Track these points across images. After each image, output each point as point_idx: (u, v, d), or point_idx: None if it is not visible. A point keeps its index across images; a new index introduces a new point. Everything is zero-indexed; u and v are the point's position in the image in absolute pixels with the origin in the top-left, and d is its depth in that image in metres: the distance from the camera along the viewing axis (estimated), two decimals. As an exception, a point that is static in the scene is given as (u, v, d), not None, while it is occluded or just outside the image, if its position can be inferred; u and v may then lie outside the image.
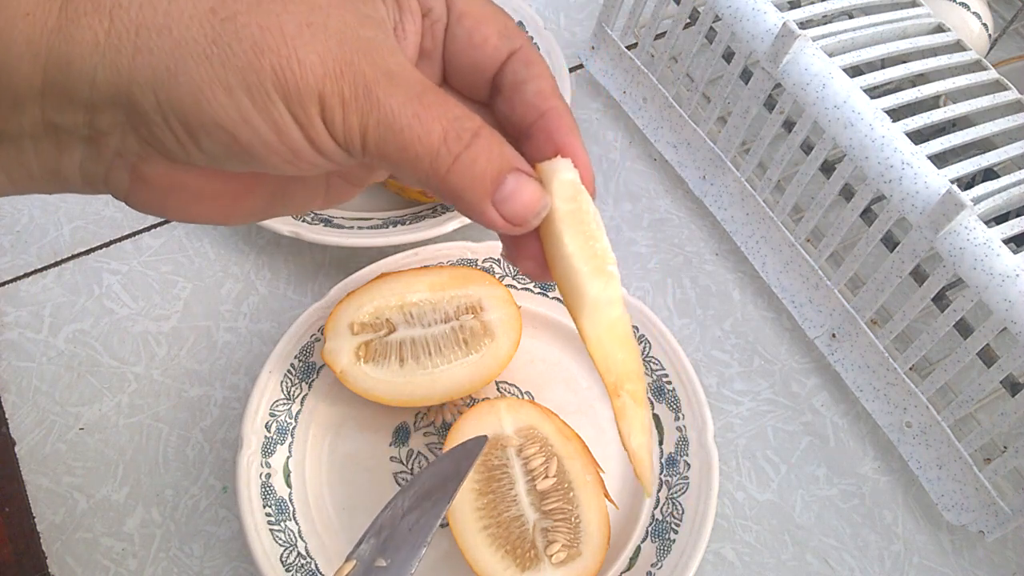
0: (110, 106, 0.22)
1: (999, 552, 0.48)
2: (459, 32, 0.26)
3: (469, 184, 0.23)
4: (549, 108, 0.25)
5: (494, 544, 0.42)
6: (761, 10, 0.49)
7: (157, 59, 0.21)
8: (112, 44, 0.21)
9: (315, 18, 0.22)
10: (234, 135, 0.22)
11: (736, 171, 0.55)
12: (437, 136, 0.23)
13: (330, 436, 0.48)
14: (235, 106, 0.22)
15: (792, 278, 0.53)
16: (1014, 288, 0.41)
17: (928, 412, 0.47)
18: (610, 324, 0.27)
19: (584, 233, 0.26)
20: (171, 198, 0.25)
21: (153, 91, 0.21)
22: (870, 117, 0.45)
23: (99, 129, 0.22)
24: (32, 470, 0.47)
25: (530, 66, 0.26)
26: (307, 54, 0.22)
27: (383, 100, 0.22)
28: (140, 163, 0.23)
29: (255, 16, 0.21)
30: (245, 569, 0.45)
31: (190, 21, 0.21)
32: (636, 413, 0.27)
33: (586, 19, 0.70)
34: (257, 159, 0.23)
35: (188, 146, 0.22)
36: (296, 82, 0.22)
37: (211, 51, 0.21)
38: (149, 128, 0.22)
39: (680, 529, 0.44)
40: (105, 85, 0.21)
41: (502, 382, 0.50)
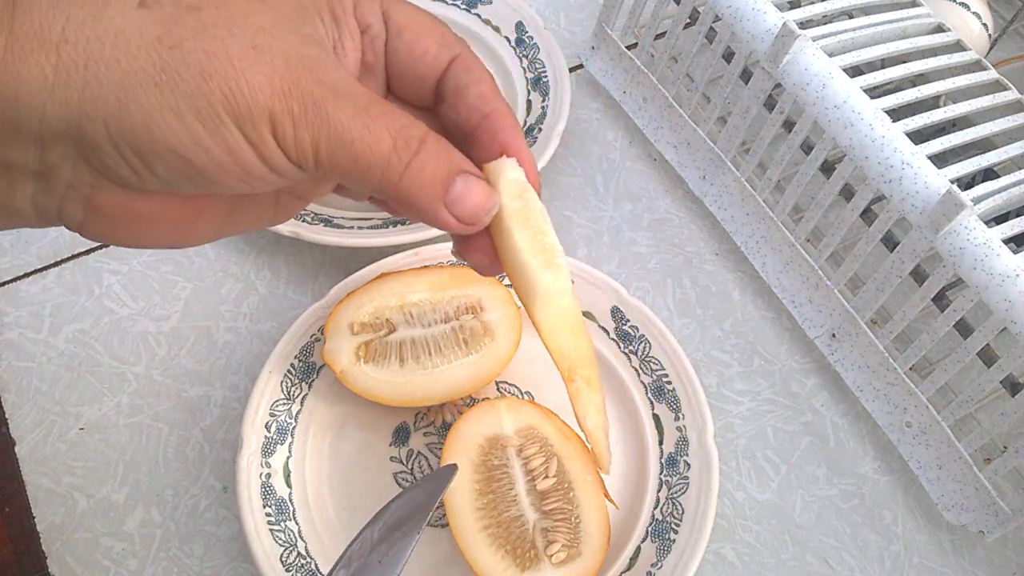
0: (60, 139, 0.22)
1: (999, 552, 0.48)
2: (399, 45, 0.26)
3: (420, 189, 0.24)
4: (492, 110, 0.27)
5: (494, 544, 0.42)
6: (761, 10, 0.49)
7: (107, 91, 0.22)
8: (60, 79, 0.21)
9: (259, 40, 0.23)
10: (187, 159, 0.23)
11: (736, 171, 0.55)
12: (387, 145, 0.24)
13: (330, 436, 0.48)
14: (187, 131, 0.22)
15: (792, 278, 0.53)
16: (1014, 288, 0.41)
17: (928, 412, 0.47)
18: (561, 313, 0.28)
19: (532, 228, 0.27)
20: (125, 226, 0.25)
21: (104, 122, 0.22)
22: (870, 117, 0.45)
23: (49, 163, 0.23)
24: (32, 470, 0.47)
25: (470, 71, 0.27)
26: (254, 75, 0.22)
27: (332, 114, 0.23)
28: (93, 193, 0.24)
29: (201, 42, 0.22)
30: (245, 569, 0.45)
31: (137, 51, 0.22)
32: (590, 396, 0.29)
33: (586, 19, 0.70)
34: (211, 181, 0.23)
35: (142, 172, 0.23)
36: (246, 103, 0.22)
37: (160, 78, 0.22)
38: (101, 158, 0.23)
39: (680, 529, 0.44)
40: (55, 119, 0.22)
41: (502, 382, 0.50)
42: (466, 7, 0.66)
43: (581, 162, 0.61)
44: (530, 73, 0.62)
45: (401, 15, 0.26)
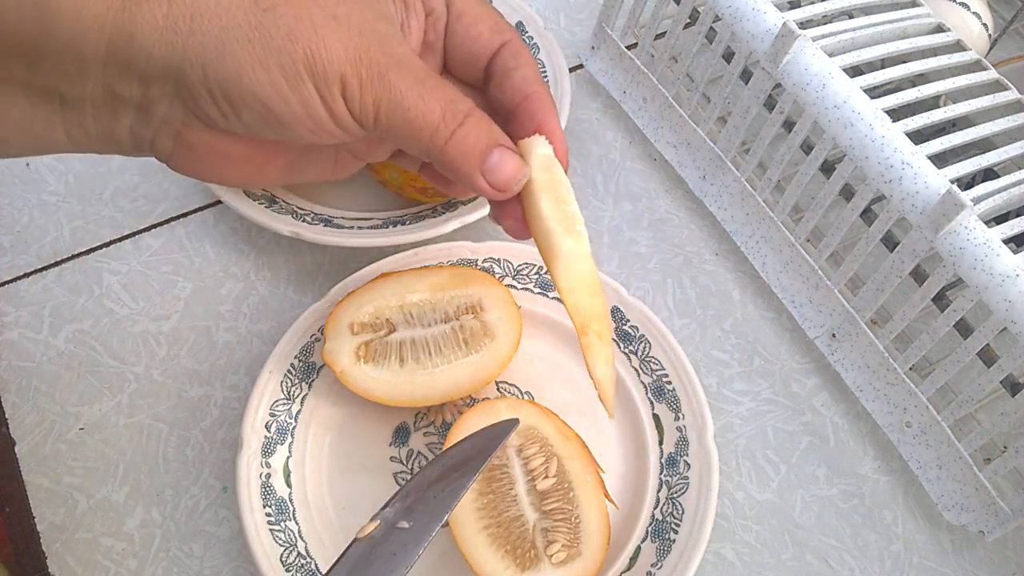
0: (162, 78, 0.25)
1: (999, 552, 0.48)
2: (458, 28, 0.30)
3: (462, 156, 0.28)
4: (533, 91, 0.30)
5: (494, 544, 0.42)
6: (761, 10, 0.49)
7: (207, 40, 0.25)
8: (169, 25, 0.25)
9: (340, 12, 0.26)
10: (269, 107, 0.26)
11: (736, 171, 0.55)
12: (437, 114, 0.27)
13: (330, 436, 0.48)
14: (271, 82, 0.25)
15: (792, 278, 0.53)
16: (1014, 288, 0.41)
17: (928, 412, 0.47)
18: (580, 274, 0.31)
19: (557, 199, 0.30)
20: (207, 161, 0.29)
21: (202, 68, 0.25)
22: (870, 117, 0.45)
23: (150, 98, 0.26)
24: (32, 470, 0.47)
25: (517, 56, 0.30)
26: (333, 42, 0.26)
27: (393, 82, 0.27)
28: (184, 129, 0.27)
29: (291, 7, 0.26)
30: (245, 569, 0.45)
31: (236, 10, 0.25)
32: (601, 348, 0.32)
33: (586, 19, 0.70)
34: (286, 128, 0.27)
35: (229, 115, 0.26)
36: (323, 64, 0.26)
37: (253, 36, 0.25)
38: (195, 99, 0.26)
39: (680, 529, 0.44)
40: (160, 60, 0.25)
41: (502, 382, 0.50)
42: (466, 7, 0.65)
43: (581, 162, 0.61)
44: (530, 73, 0.62)
45: (462, 1, 0.30)
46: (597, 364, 0.32)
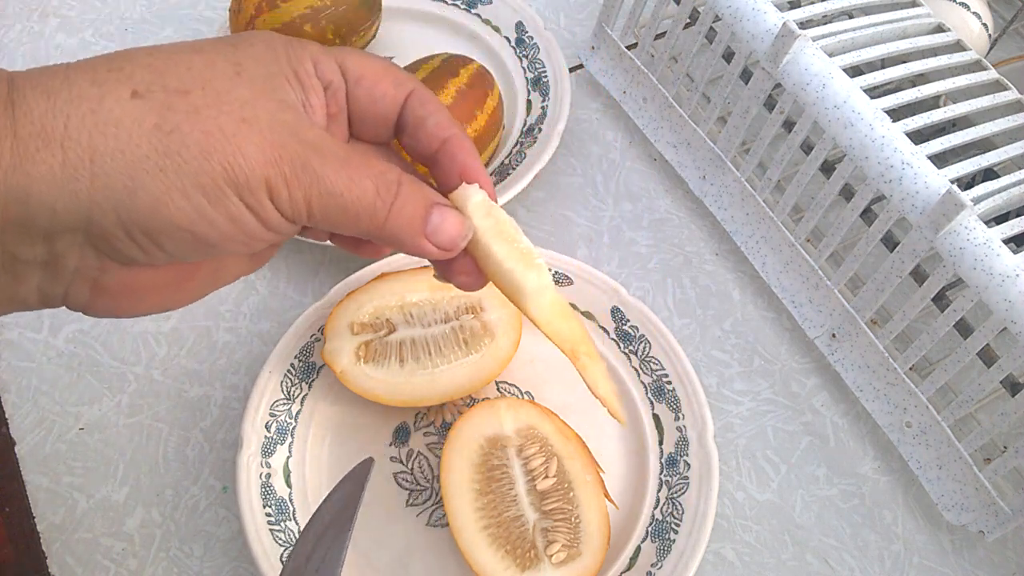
0: (69, 231, 0.24)
1: (999, 552, 0.48)
2: (359, 93, 0.29)
3: (404, 227, 0.27)
4: (449, 135, 0.29)
5: (494, 544, 0.42)
6: (761, 10, 0.49)
7: (114, 180, 0.23)
8: (68, 173, 0.23)
9: (246, 113, 0.25)
10: (195, 232, 0.25)
11: (736, 171, 0.55)
12: (371, 193, 0.26)
13: (330, 436, 0.48)
14: (194, 207, 0.24)
15: (792, 278, 0.53)
16: (1014, 288, 0.41)
17: (928, 412, 0.47)
18: (551, 305, 0.31)
19: (507, 239, 0.30)
20: (128, 299, 0.27)
21: (114, 210, 0.23)
22: (870, 117, 0.45)
23: (58, 253, 0.24)
24: (32, 470, 0.47)
25: (425, 104, 0.30)
26: (248, 147, 0.24)
27: (319, 172, 0.25)
28: (100, 275, 0.25)
29: (196, 124, 0.24)
30: (245, 569, 0.45)
31: (139, 139, 0.23)
32: (595, 366, 0.33)
33: (586, 19, 0.70)
34: (215, 248, 0.25)
35: (151, 250, 0.25)
36: (245, 174, 0.24)
37: (164, 163, 0.23)
38: (110, 243, 0.24)
39: (680, 529, 0.44)
40: (65, 213, 0.23)
41: (502, 382, 0.50)
42: (466, 7, 0.66)
43: (581, 162, 0.61)
44: (530, 73, 0.62)
45: (357, 65, 0.29)
46: (598, 383, 0.33)
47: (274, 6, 0.57)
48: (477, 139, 0.53)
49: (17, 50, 0.66)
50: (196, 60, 0.25)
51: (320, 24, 0.58)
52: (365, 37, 0.62)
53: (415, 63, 0.55)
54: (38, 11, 0.68)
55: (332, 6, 0.58)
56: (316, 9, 0.57)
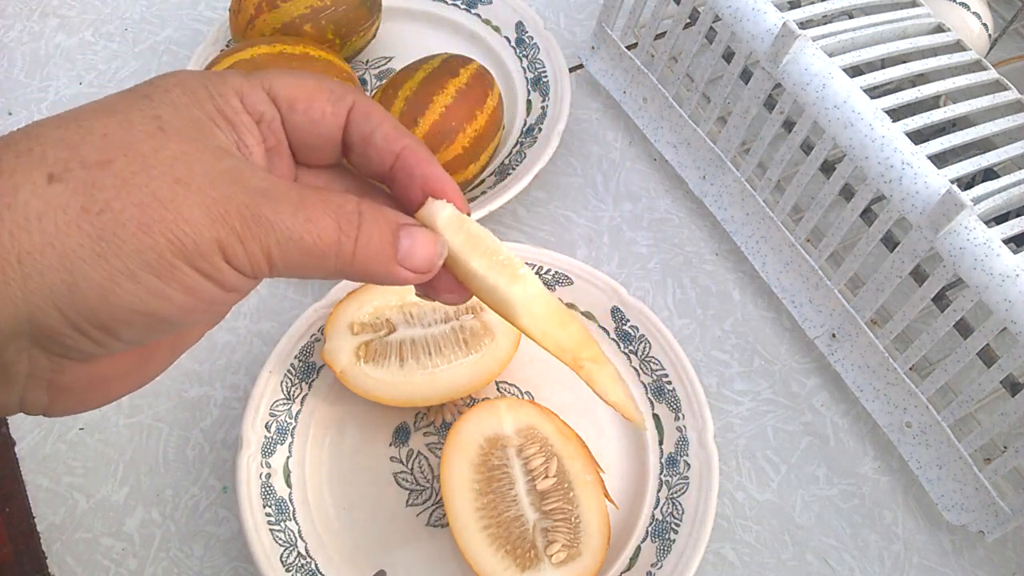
0: (12, 338, 0.22)
1: (999, 552, 0.48)
2: (296, 119, 0.26)
3: (374, 259, 0.25)
4: (402, 147, 0.27)
5: (494, 544, 0.42)
6: (761, 10, 0.49)
7: (50, 278, 0.21)
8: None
9: (179, 172, 0.22)
10: (150, 313, 0.22)
11: (736, 171, 0.55)
12: (332, 230, 0.24)
13: (330, 436, 0.48)
14: (145, 288, 0.22)
15: (792, 278, 0.53)
16: (1014, 288, 0.41)
17: (928, 412, 0.47)
18: (544, 315, 0.29)
19: (485, 253, 0.28)
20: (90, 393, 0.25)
21: (57, 308, 0.21)
22: (870, 117, 0.45)
23: (4, 362, 0.22)
24: (32, 470, 0.47)
25: (370, 116, 0.27)
26: (190, 210, 0.22)
27: (273, 219, 0.23)
28: (55, 376, 0.23)
29: (127, 197, 0.21)
30: (245, 569, 0.45)
31: (67, 228, 0.21)
32: (603, 372, 0.30)
33: (586, 19, 0.70)
34: (176, 324, 0.23)
35: (105, 341, 0.23)
36: (192, 241, 0.22)
37: (101, 248, 0.21)
38: (59, 342, 0.22)
39: (680, 529, 0.44)
40: (3, 322, 0.21)
41: (502, 382, 0.50)
42: (466, 7, 0.66)
43: (581, 162, 0.61)
44: (530, 73, 0.62)
45: (287, 88, 0.26)
46: (608, 390, 0.30)
47: (274, 6, 0.57)
48: (477, 139, 0.53)
49: (17, 50, 0.66)
50: (110, 124, 0.23)
51: (320, 24, 0.58)
52: (365, 37, 0.62)
53: (415, 63, 0.55)
54: (38, 11, 0.68)
55: (332, 6, 0.58)
56: (316, 9, 0.57)
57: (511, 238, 0.57)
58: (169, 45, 0.67)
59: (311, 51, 0.54)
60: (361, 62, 0.65)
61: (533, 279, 0.29)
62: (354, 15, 0.59)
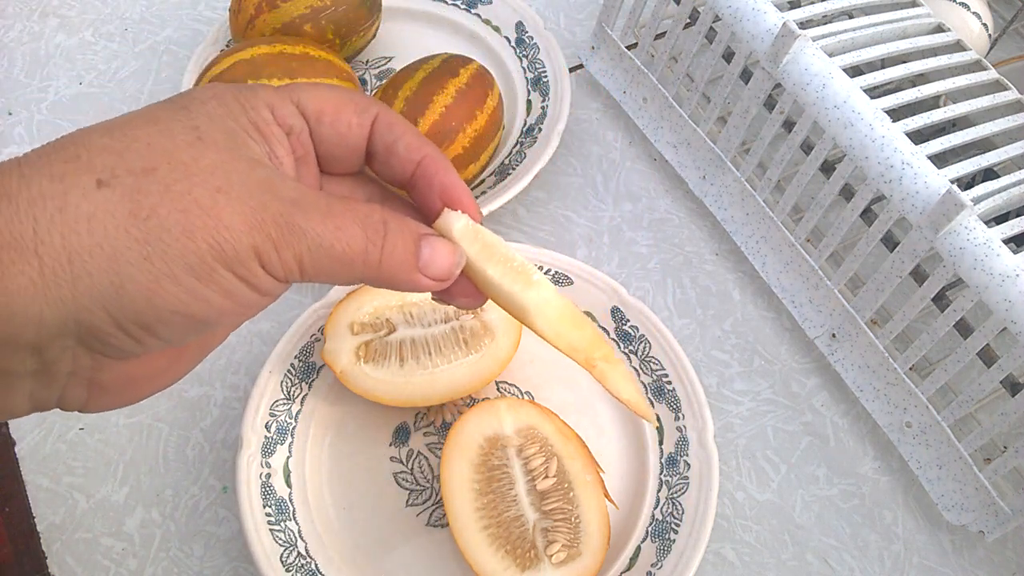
0: (59, 337, 0.23)
1: (999, 552, 0.48)
2: (324, 130, 0.28)
3: (398, 267, 0.27)
4: (423, 156, 0.29)
5: (494, 544, 0.42)
6: (761, 10, 0.49)
7: (98, 279, 0.22)
8: (49, 281, 0.22)
9: (219, 181, 0.24)
10: (190, 315, 0.24)
11: (736, 171, 0.55)
12: (360, 239, 0.25)
13: (330, 436, 0.48)
14: (186, 290, 0.23)
15: (792, 278, 0.53)
16: (1014, 288, 0.41)
17: (928, 412, 0.47)
18: (558, 317, 0.31)
19: (500, 261, 0.29)
20: (125, 393, 0.26)
21: (104, 308, 0.22)
22: (870, 117, 0.45)
23: (49, 361, 0.23)
24: (32, 470, 0.47)
25: (393, 127, 0.29)
26: (230, 218, 0.23)
27: (305, 227, 0.24)
28: (96, 374, 0.25)
29: (172, 204, 0.23)
30: (245, 569, 0.45)
31: (116, 231, 0.22)
32: (615, 371, 0.31)
33: (586, 19, 0.70)
34: (211, 324, 0.25)
35: (146, 340, 0.24)
36: (232, 246, 0.23)
37: (147, 251, 0.22)
38: (103, 341, 0.23)
39: (680, 529, 0.44)
40: (53, 321, 0.22)
41: (502, 382, 0.50)
42: (466, 7, 0.66)
43: (581, 162, 0.61)
44: (530, 73, 0.62)
45: (315, 101, 0.28)
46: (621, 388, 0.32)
47: (274, 6, 0.57)
48: (477, 139, 0.53)
49: (17, 50, 0.66)
50: (153, 133, 0.24)
51: (320, 24, 0.58)
52: (365, 37, 0.62)
53: (415, 63, 0.55)
54: (38, 11, 0.68)
55: (332, 6, 0.58)
56: (316, 9, 0.57)
57: (511, 238, 0.57)
58: (169, 45, 0.67)
59: (311, 51, 0.54)
60: (361, 62, 0.65)
61: (547, 284, 0.30)
62: (354, 15, 0.59)
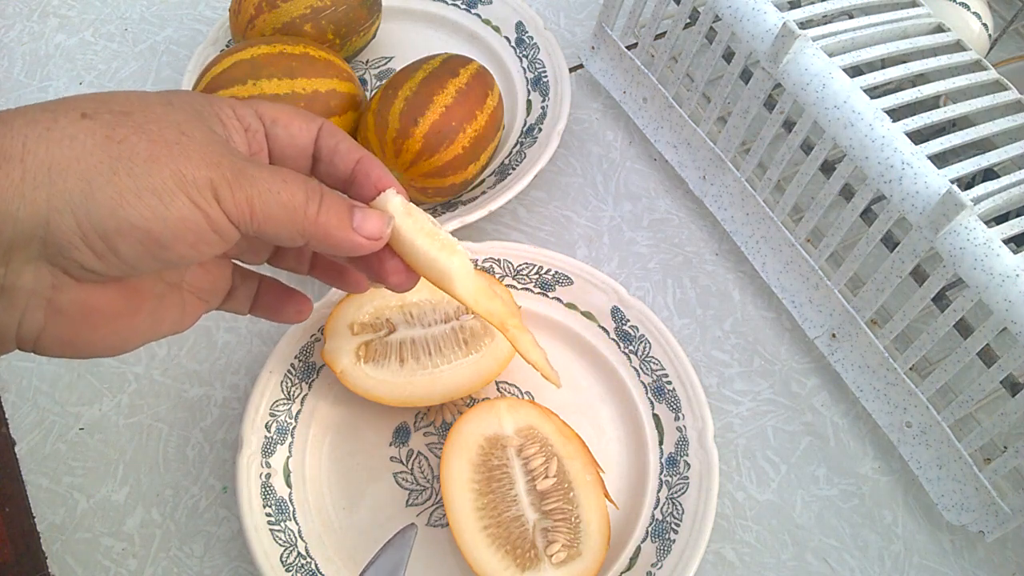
0: (27, 241, 0.26)
1: (999, 552, 0.48)
2: (278, 132, 0.33)
3: (335, 223, 0.31)
4: (360, 156, 0.34)
5: (494, 544, 0.42)
6: (761, 10, 0.49)
7: (71, 185, 0.25)
8: (28, 183, 0.25)
9: (185, 128, 0.28)
10: (148, 231, 0.27)
11: (736, 171, 0.55)
12: (302, 194, 0.30)
13: (330, 436, 0.48)
14: (147, 207, 0.26)
15: (792, 278, 0.53)
16: (1014, 288, 0.41)
17: (928, 412, 0.47)
18: (477, 286, 0.35)
19: (427, 233, 0.33)
20: (80, 327, 0.29)
21: (72, 213, 0.25)
22: (870, 117, 0.45)
23: (14, 271, 0.26)
24: (32, 470, 0.47)
25: (334, 134, 0.34)
26: (191, 154, 0.27)
27: (256, 175, 0.29)
28: (54, 294, 0.27)
29: (144, 134, 0.27)
30: (245, 569, 0.45)
31: (93, 148, 0.26)
32: (524, 337, 0.37)
33: (586, 19, 0.70)
34: (166, 248, 0.28)
35: (105, 255, 0.27)
36: (191, 175, 0.27)
37: (116, 167, 0.26)
38: (66, 251, 0.26)
39: (680, 529, 0.44)
40: (27, 220, 0.25)
41: (502, 382, 0.50)
42: (466, 7, 0.66)
43: (581, 162, 0.61)
44: (530, 73, 0.62)
45: (271, 110, 0.33)
46: (529, 350, 0.37)
47: (274, 6, 0.57)
48: (477, 139, 0.53)
49: (17, 50, 0.66)
50: (132, 95, 0.29)
51: (320, 24, 0.58)
52: (365, 37, 0.62)
53: (415, 63, 0.55)
54: (38, 11, 0.68)
55: (332, 6, 0.58)
56: (316, 9, 0.57)
57: (511, 238, 0.57)
58: (169, 45, 0.67)
59: (311, 51, 0.54)
60: (361, 62, 0.65)
61: (467, 257, 0.34)
62: (354, 15, 0.59)
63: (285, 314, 0.39)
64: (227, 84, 0.52)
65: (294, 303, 0.39)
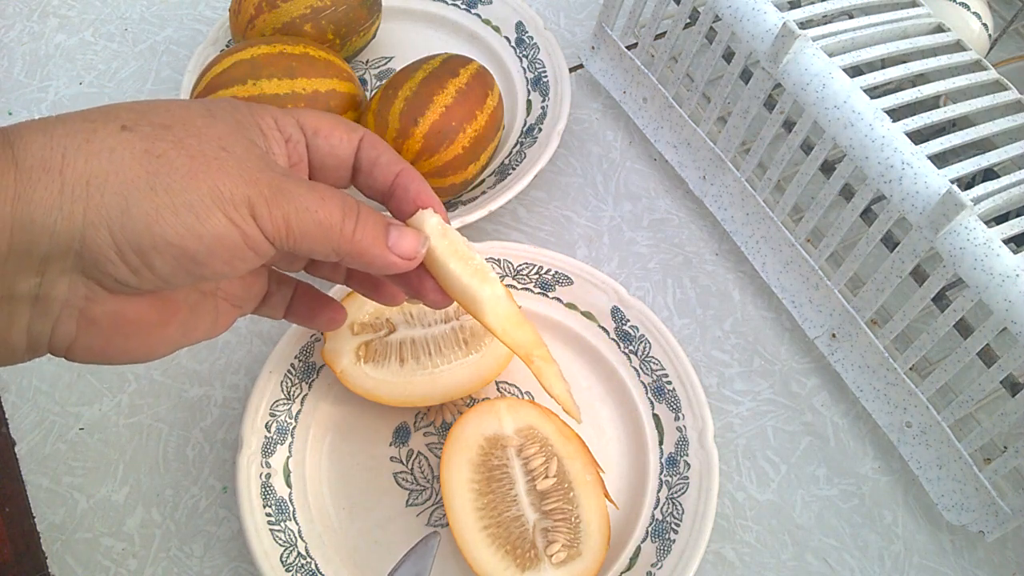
0: (63, 254, 0.25)
1: (999, 552, 0.48)
2: (319, 142, 0.33)
3: (370, 241, 0.30)
4: (401, 169, 0.33)
5: (494, 544, 0.42)
6: (761, 10, 0.49)
7: (108, 200, 0.25)
8: (67, 196, 0.25)
9: (224, 143, 0.28)
10: (183, 248, 0.26)
11: (736, 171, 0.55)
12: (339, 212, 0.29)
13: (330, 436, 0.48)
14: (183, 223, 0.26)
15: (792, 278, 0.53)
16: (1014, 288, 0.41)
17: (928, 412, 0.47)
18: (506, 314, 0.34)
19: (462, 257, 0.33)
20: (112, 336, 0.28)
21: (107, 228, 0.25)
22: (870, 117, 0.45)
23: (49, 282, 0.26)
24: (32, 470, 0.47)
25: (376, 145, 0.33)
26: (230, 170, 0.27)
27: (294, 192, 0.28)
28: (88, 304, 0.27)
29: (182, 150, 0.27)
30: (245, 569, 0.45)
31: (131, 163, 0.26)
32: (550, 368, 0.36)
33: (586, 19, 0.70)
34: (200, 265, 0.27)
35: (140, 270, 0.27)
36: (229, 193, 0.27)
37: (154, 183, 0.26)
38: (100, 265, 0.26)
39: (680, 529, 0.44)
40: (63, 233, 0.25)
41: (502, 382, 0.50)
42: (466, 7, 0.66)
43: (581, 162, 0.61)
44: (530, 73, 0.62)
45: (313, 120, 0.32)
46: (553, 384, 0.36)
47: (274, 6, 0.57)
48: (477, 139, 0.53)
49: (17, 50, 0.66)
50: (173, 106, 0.28)
51: (320, 24, 0.58)
52: (365, 37, 0.62)
53: (415, 63, 0.55)
54: (38, 11, 0.68)
55: (332, 6, 0.58)
56: (316, 9, 0.57)
57: (511, 238, 0.57)
58: (169, 45, 0.67)
59: (311, 51, 0.54)
60: (361, 62, 0.65)
61: (499, 284, 0.34)
62: (354, 15, 0.59)
63: (319, 322, 0.39)
64: (227, 84, 0.52)
65: (329, 311, 0.39)
